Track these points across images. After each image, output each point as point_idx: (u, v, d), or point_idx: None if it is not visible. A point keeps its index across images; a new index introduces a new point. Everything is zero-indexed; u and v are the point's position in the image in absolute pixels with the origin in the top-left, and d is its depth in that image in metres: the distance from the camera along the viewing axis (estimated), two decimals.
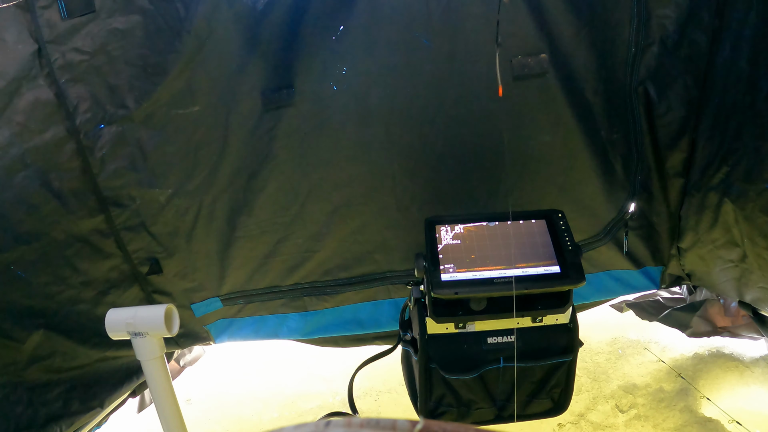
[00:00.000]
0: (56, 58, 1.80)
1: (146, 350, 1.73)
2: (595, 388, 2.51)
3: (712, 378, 2.44)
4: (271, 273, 2.22)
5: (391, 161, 2.03)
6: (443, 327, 1.66)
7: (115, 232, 2.04)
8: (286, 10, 1.81)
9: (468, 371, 1.68)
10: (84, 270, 2.02)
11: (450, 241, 1.63)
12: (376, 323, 2.32)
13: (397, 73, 1.92)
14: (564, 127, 1.99)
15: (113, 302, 2.11)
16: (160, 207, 2.02)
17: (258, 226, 2.12)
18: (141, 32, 1.80)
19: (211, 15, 1.78)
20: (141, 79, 1.84)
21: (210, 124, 1.94)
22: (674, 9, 1.83)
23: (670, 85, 1.92)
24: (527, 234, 1.65)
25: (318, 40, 1.86)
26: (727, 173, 1.83)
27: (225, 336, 2.39)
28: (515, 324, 1.66)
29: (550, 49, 1.89)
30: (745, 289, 1.99)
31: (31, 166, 1.85)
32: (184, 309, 2.25)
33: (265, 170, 2.02)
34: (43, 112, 1.84)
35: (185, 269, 2.17)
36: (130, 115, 1.88)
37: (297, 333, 2.36)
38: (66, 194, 1.92)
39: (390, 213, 2.11)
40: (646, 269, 2.28)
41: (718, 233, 1.94)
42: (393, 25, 1.85)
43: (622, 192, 2.12)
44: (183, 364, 2.87)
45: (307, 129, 1.97)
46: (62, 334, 1.99)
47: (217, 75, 1.88)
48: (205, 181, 2.02)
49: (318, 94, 1.93)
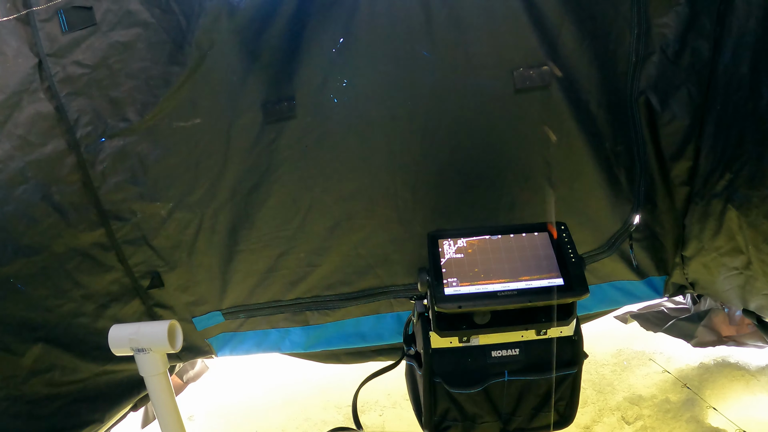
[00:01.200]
0: (57, 71, 1.80)
1: (149, 366, 1.72)
2: (600, 400, 2.50)
3: (718, 387, 2.43)
4: (272, 287, 2.21)
5: (393, 174, 2.02)
6: (447, 341, 1.64)
7: (116, 246, 2.03)
8: (287, 23, 1.81)
9: (472, 385, 1.66)
10: (85, 283, 2.01)
11: (453, 255, 1.62)
12: (379, 337, 2.30)
13: (398, 86, 1.91)
14: (568, 140, 1.98)
15: (114, 316, 2.10)
16: (161, 220, 2.01)
17: (259, 239, 2.11)
18: (142, 45, 1.81)
19: (212, 27, 1.79)
20: (142, 91, 1.84)
21: (211, 137, 1.94)
22: (674, 18, 1.83)
23: (672, 94, 1.91)
24: (530, 247, 1.64)
25: (318, 52, 1.86)
26: (730, 180, 1.82)
27: (227, 349, 2.38)
28: (519, 337, 1.64)
29: (553, 61, 1.88)
30: (750, 296, 1.97)
31: (31, 179, 1.85)
32: (185, 322, 2.24)
33: (267, 183, 2.01)
34: (43, 125, 1.84)
35: (187, 283, 2.16)
36: (131, 128, 1.87)
37: (299, 347, 2.34)
38: (67, 208, 1.92)
39: (392, 226, 2.10)
40: (650, 279, 2.26)
41: (722, 240, 1.93)
42: (393, 38, 1.85)
43: (627, 204, 2.11)
44: (186, 379, 2.85)
45: (308, 142, 1.97)
46: (62, 348, 1.99)
47: (218, 87, 1.88)
48: (206, 195, 2.01)
49: (319, 107, 1.92)
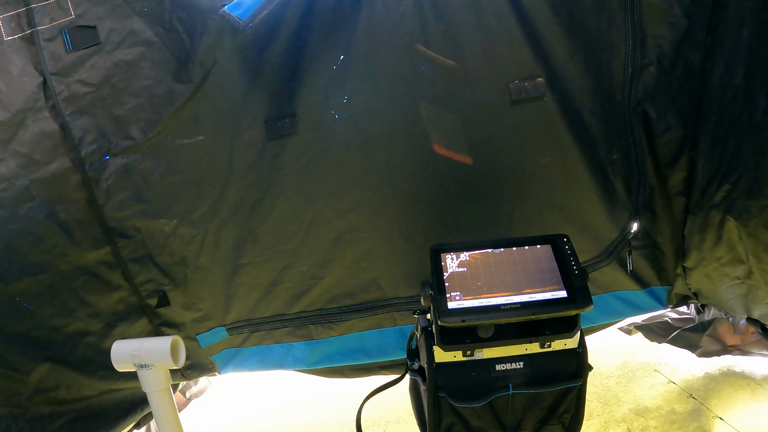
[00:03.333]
0: (61, 90, 1.82)
1: (152, 382, 1.72)
2: (606, 412, 2.48)
3: (723, 397, 2.42)
4: (276, 301, 2.21)
5: (394, 187, 2.04)
6: (451, 355, 1.65)
7: (122, 264, 2.03)
8: (288, 41, 1.84)
9: (477, 399, 1.66)
10: (91, 302, 2.01)
11: (456, 269, 1.63)
12: (382, 351, 2.30)
13: (397, 101, 1.93)
14: (563, 149, 2.00)
15: (121, 335, 2.09)
16: (166, 237, 2.02)
17: (262, 254, 2.11)
18: (146, 63, 1.83)
19: (215, 46, 1.81)
20: (146, 109, 1.86)
21: (214, 154, 1.95)
22: (669, 29, 1.84)
23: (667, 104, 1.93)
24: (533, 259, 1.65)
25: (319, 69, 1.88)
26: (728, 191, 1.82)
27: (230, 366, 2.37)
28: (523, 350, 1.65)
29: (547, 73, 1.90)
30: (753, 305, 1.97)
31: (36, 197, 1.86)
32: (190, 340, 2.23)
33: (269, 198, 2.03)
34: (48, 143, 1.85)
35: (191, 299, 2.16)
36: (135, 146, 1.89)
37: (302, 362, 2.33)
38: (72, 226, 1.92)
39: (394, 239, 2.11)
40: (652, 289, 2.26)
41: (723, 251, 1.93)
42: (392, 54, 1.87)
43: (624, 212, 2.11)
44: (189, 396, 2.84)
45: (310, 157, 1.98)
46: (68, 367, 1.98)
47: (221, 105, 1.90)
48: (209, 211, 2.02)
49: (320, 123, 1.94)
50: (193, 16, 1.79)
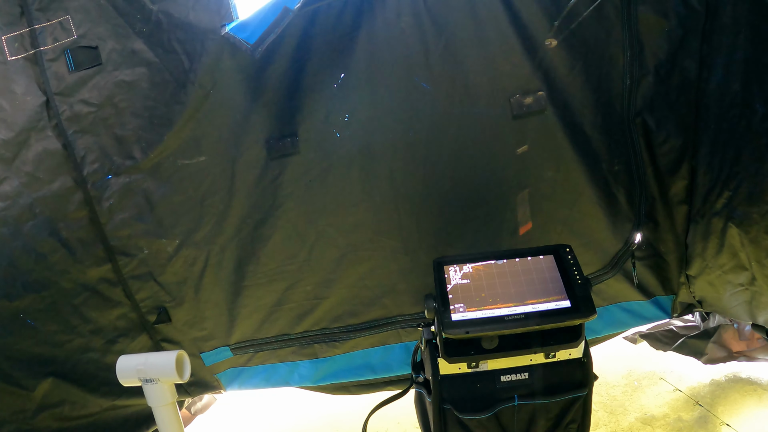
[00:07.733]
0: (64, 109, 1.84)
1: (157, 397, 1.73)
2: (612, 421, 2.47)
3: (730, 404, 2.41)
4: (280, 321, 2.21)
5: (396, 205, 2.04)
6: (456, 367, 1.64)
7: (122, 281, 2.04)
8: (288, 60, 1.85)
9: (482, 410, 1.65)
10: (92, 318, 2.02)
11: (459, 281, 1.63)
12: (387, 368, 2.29)
13: (398, 118, 1.93)
14: (566, 162, 2.00)
15: (122, 351, 2.09)
16: (168, 257, 2.03)
17: (266, 274, 2.11)
18: (147, 84, 1.84)
19: (214, 66, 1.82)
20: (147, 130, 1.87)
21: (216, 174, 1.96)
22: (666, 39, 1.85)
23: (667, 113, 1.94)
24: (536, 270, 1.65)
25: (320, 88, 1.88)
26: (729, 198, 1.83)
27: (235, 384, 2.36)
28: (528, 361, 1.64)
29: (547, 86, 1.91)
30: (757, 311, 1.97)
31: (39, 215, 1.88)
32: (193, 358, 2.23)
33: (272, 218, 2.03)
34: (51, 162, 1.87)
35: (194, 318, 2.16)
36: (137, 166, 1.90)
37: (308, 380, 2.32)
38: (74, 243, 1.94)
39: (397, 256, 2.10)
40: (657, 299, 2.26)
41: (726, 258, 1.93)
42: (392, 72, 1.88)
43: (627, 223, 2.12)
44: (194, 411, 2.83)
45: (312, 176, 1.98)
46: (72, 383, 2.00)
47: (222, 125, 1.90)
48: (212, 231, 2.02)
49: (321, 142, 1.94)
50: (192, 36, 1.80)
